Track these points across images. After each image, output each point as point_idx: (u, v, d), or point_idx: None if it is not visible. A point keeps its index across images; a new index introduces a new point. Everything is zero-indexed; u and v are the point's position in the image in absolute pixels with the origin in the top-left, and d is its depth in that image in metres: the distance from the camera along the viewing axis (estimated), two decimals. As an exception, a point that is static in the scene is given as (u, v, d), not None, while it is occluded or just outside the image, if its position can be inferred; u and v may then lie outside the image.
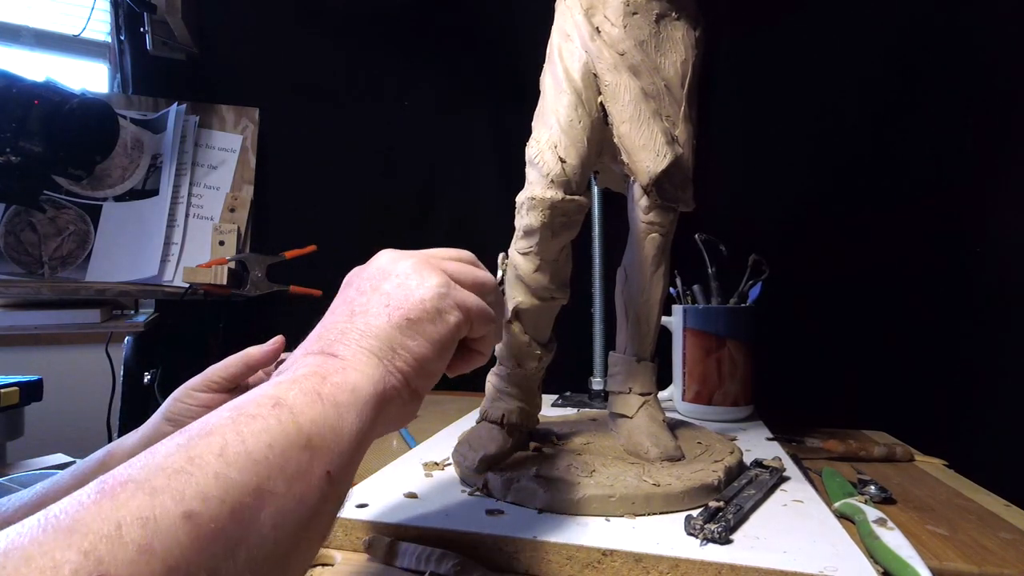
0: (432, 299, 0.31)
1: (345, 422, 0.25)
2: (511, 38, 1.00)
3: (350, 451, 0.25)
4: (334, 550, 0.42)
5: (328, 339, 0.29)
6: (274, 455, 0.22)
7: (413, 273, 0.32)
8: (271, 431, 0.23)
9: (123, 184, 1.04)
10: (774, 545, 0.39)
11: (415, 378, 0.30)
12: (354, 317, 0.30)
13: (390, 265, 0.33)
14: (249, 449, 0.22)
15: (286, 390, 0.25)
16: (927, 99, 0.92)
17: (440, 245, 0.40)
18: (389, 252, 0.35)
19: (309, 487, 0.23)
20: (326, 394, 0.25)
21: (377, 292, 0.31)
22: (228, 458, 0.21)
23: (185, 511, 0.19)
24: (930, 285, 0.91)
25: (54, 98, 0.79)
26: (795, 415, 0.79)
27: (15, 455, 0.84)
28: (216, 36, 1.11)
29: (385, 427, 0.29)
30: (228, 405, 0.24)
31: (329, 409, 0.25)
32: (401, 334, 0.30)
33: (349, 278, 0.34)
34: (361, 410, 0.26)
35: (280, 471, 0.22)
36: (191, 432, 0.22)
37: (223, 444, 0.22)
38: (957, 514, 0.50)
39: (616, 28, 0.50)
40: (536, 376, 0.54)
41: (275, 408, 0.24)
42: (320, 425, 0.24)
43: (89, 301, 1.01)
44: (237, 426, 0.23)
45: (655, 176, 0.50)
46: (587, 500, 0.43)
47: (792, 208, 0.97)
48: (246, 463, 0.21)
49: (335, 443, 0.25)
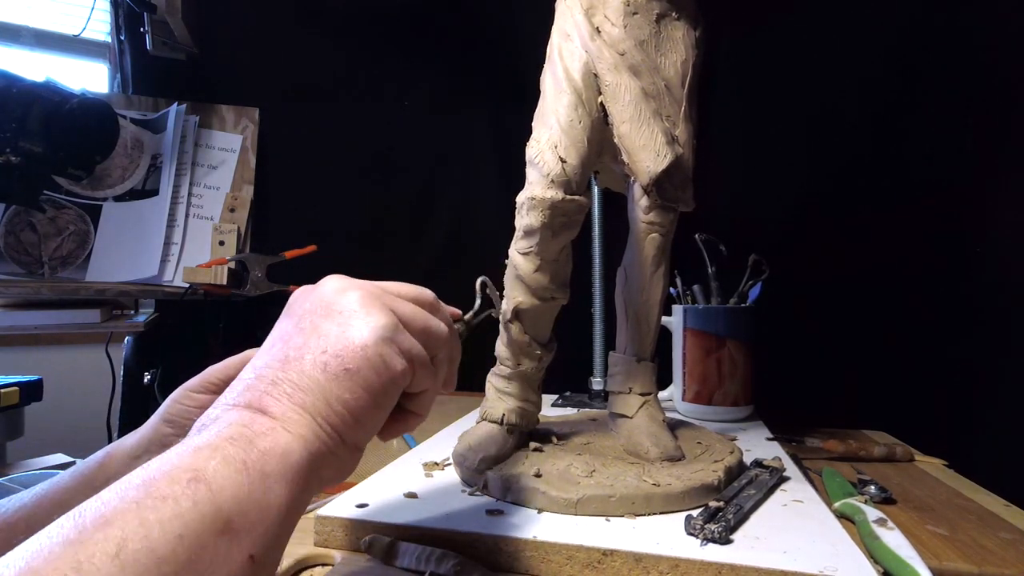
0: (375, 344, 0.28)
1: (272, 495, 0.23)
2: (511, 38, 1.00)
3: (277, 527, 0.23)
4: (334, 550, 0.42)
5: (258, 389, 0.26)
6: (184, 548, 0.20)
7: (359, 310, 0.29)
8: (183, 517, 0.20)
9: (123, 184, 1.04)
10: (774, 545, 0.39)
11: (351, 433, 0.27)
12: (288, 364, 0.27)
13: (335, 297, 0.30)
14: (154, 545, 0.19)
15: (206, 459, 0.22)
16: (927, 99, 0.92)
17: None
18: (336, 280, 0.31)
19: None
20: (252, 463, 0.23)
21: (315, 333, 0.28)
22: (125, 559, 0.18)
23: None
24: (930, 285, 0.91)
25: (54, 98, 0.79)
26: (795, 415, 0.79)
27: (15, 455, 0.84)
28: (216, 36, 1.11)
29: (320, 487, 0.26)
30: (135, 479, 0.21)
31: (255, 481, 0.22)
32: (337, 387, 0.26)
33: (291, 303, 0.31)
34: (292, 478, 0.24)
35: (190, 567, 0.19)
36: (84, 520, 0.19)
37: (121, 540, 0.19)
38: (957, 514, 0.50)
39: (616, 28, 0.50)
40: (536, 376, 0.54)
41: (191, 485, 0.21)
42: (243, 502, 0.22)
43: (89, 301, 1.01)
44: (142, 513, 0.20)
45: (655, 176, 0.50)
46: (587, 500, 0.43)
47: (792, 208, 0.97)
48: (148, 563, 0.19)
49: (260, 522, 0.22)
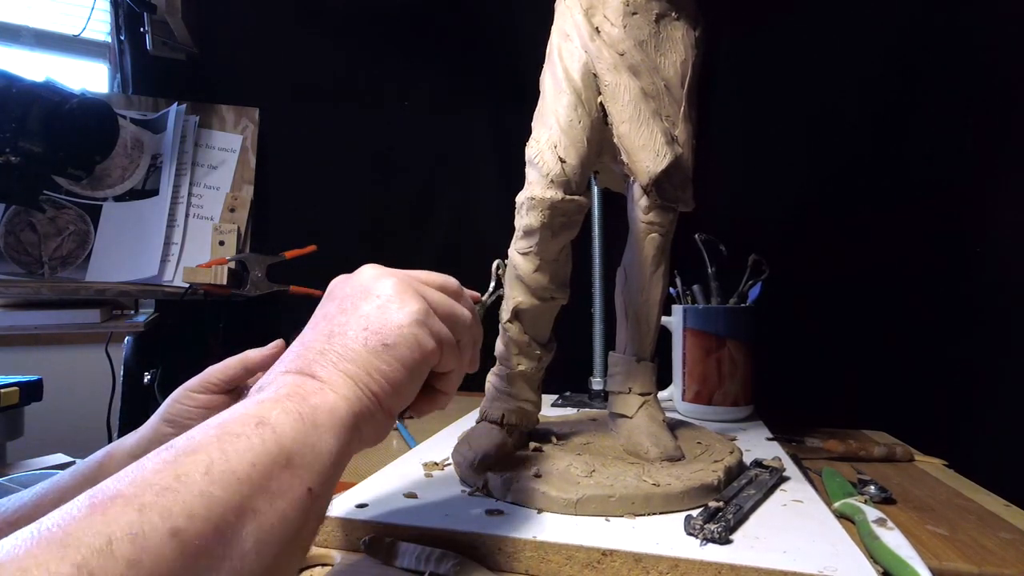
0: (410, 325, 0.31)
1: (324, 442, 0.26)
2: (511, 38, 1.00)
3: (329, 469, 0.26)
4: (334, 550, 0.42)
5: (307, 359, 0.30)
6: (257, 474, 0.23)
7: (394, 296, 0.32)
8: (255, 450, 0.24)
9: (123, 184, 1.04)
10: (774, 545, 0.39)
11: (388, 400, 0.30)
12: (332, 338, 0.31)
13: (372, 283, 0.33)
14: (233, 468, 0.23)
15: (268, 409, 0.26)
16: (927, 99, 0.92)
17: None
18: (373, 268, 0.35)
19: (291, 504, 0.24)
20: (306, 415, 0.26)
21: (356, 313, 0.32)
22: (213, 476, 0.22)
23: (172, 528, 0.20)
24: (930, 285, 0.91)
25: (54, 98, 0.79)
26: (795, 415, 0.79)
27: (15, 455, 0.84)
28: (216, 36, 1.11)
29: (361, 444, 0.30)
30: (212, 422, 0.25)
31: (310, 429, 0.26)
32: (376, 359, 0.30)
33: (332, 289, 0.35)
34: (339, 431, 0.27)
35: (263, 490, 0.23)
36: (177, 448, 0.23)
37: (209, 462, 0.22)
38: (957, 514, 0.50)
39: (616, 28, 0.50)
40: (536, 376, 0.54)
41: (258, 427, 0.24)
42: (301, 444, 0.25)
43: (89, 301, 1.01)
44: (222, 444, 0.23)
45: (655, 176, 0.50)
46: (587, 500, 0.43)
47: (792, 208, 0.97)
48: (230, 481, 0.22)
49: (315, 462, 0.25)
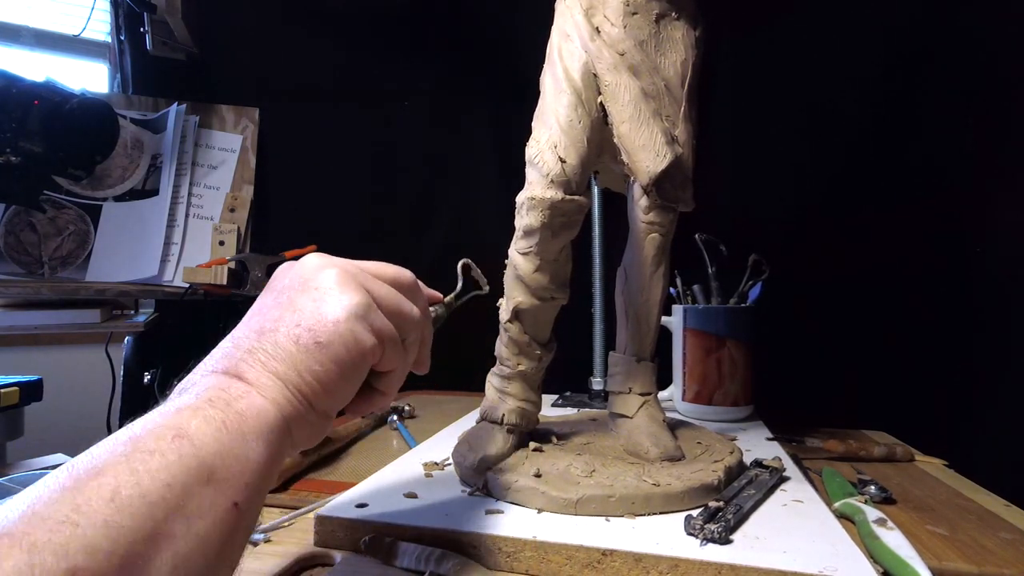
0: (347, 320, 0.29)
1: (251, 450, 0.25)
2: (511, 38, 1.00)
3: (258, 479, 0.25)
4: (334, 550, 0.42)
5: (235, 357, 0.28)
6: (173, 495, 0.21)
7: (334, 288, 0.30)
8: (170, 468, 0.22)
9: (123, 184, 1.04)
10: (774, 545, 0.39)
11: (321, 402, 0.29)
12: (263, 335, 0.29)
13: (312, 274, 0.31)
14: (144, 491, 0.21)
15: (187, 419, 0.24)
16: (927, 99, 0.92)
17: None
18: (316, 258, 0.33)
19: (213, 523, 0.22)
20: (231, 423, 0.25)
21: (292, 307, 0.30)
22: (120, 503, 0.20)
23: (69, 567, 0.18)
24: (930, 285, 0.91)
25: (54, 98, 0.79)
26: (795, 415, 0.79)
27: (15, 455, 0.84)
28: (216, 36, 1.11)
29: (294, 448, 0.29)
30: (121, 436, 0.23)
31: (235, 438, 0.24)
32: (308, 358, 0.28)
33: (273, 278, 0.33)
34: (267, 437, 0.26)
35: (179, 511, 0.21)
36: (78, 471, 0.21)
37: (115, 487, 0.20)
38: (957, 514, 0.50)
39: (616, 28, 0.50)
40: (536, 376, 0.54)
41: (175, 440, 0.23)
42: (225, 456, 0.24)
43: (89, 301, 1.01)
44: (132, 464, 0.21)
45: (655, 176, 0.50)
46: (587, 500, 0.43)
47: (792, 208, 0.97)
48: (140, 507, 0.20)
49: (242, 474, 0.24)
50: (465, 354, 0.69)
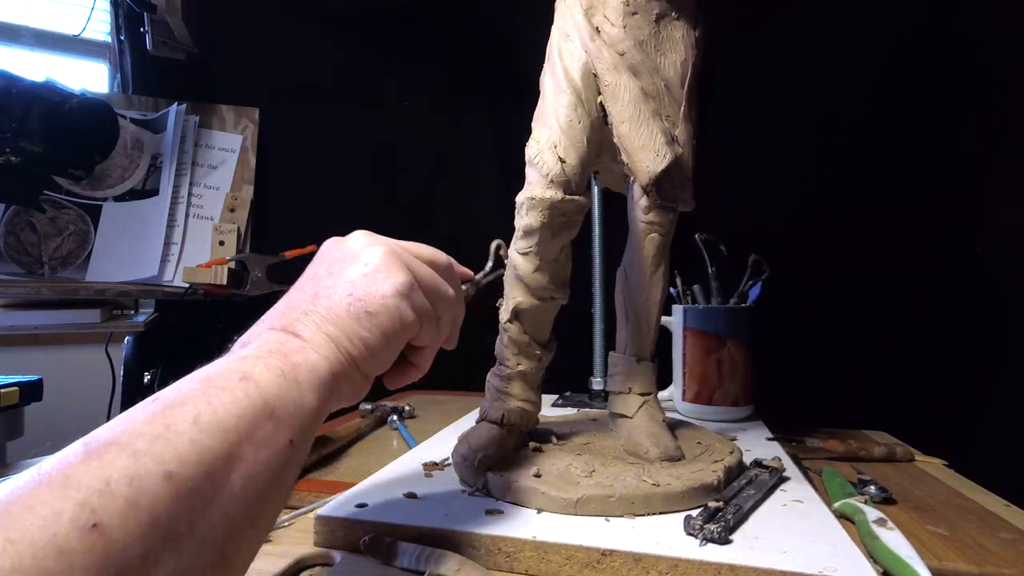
0: (393, 296, 0.33)
1: (305, 398, 0.28)
2: (511, 38, 1.00)
3: (309, 423, 0.28)
4: (334, 550, 0.42)
5: (291, 317, 0.31)
6: (243, 424, 0.25)
7: (382, 265, 0.34)
8: (239, 403, 0.25)
9: (123, 184, 1.04)
10: (773, 545, 0.39)
11: (365, 364, 0.32)
12: (317, 300, 0.32)
13: (361, 250, 0.34)
14: (221, 418, 0.24)
15: (251, 365, 0.27)
16: (927, 99, 0.92)
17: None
18: (364, 235, 0.36)
19: (274, 454, 0.25)
20: (288, 371, 0.28)
21: (343, 277, 0.33)
22: (202, 426, 0.23)
23: (166, 471, 0.21)
24: (930, 285, 0.91)
25: (54, 98, 0.80)
26: (795, 415, 0.79)
27: (15, 455, 0.84)
28: (216, 36, 1.11)
29: (338, 402, 0.31)
30: (196, 376, 0.26)
31: (291, 385, 0.27)
32: (357, 324, 0.31)
33: (323, 251, 0.36)
34: (319, 388, 0.29)
35: (248, 439, 0.25)
36: (165, 400, 0.24)
37: (197, 413, 0.24)
38: (957, 514, 0.50)
39: (616, 28, 0.50)
40: (536, 376, 0.54)
41: (242, 382, 0.26)
42: (283, 399, 0.27)
43: (89, 301, 1.01)
44: (208, 397, 0.25)
45: (655, 176, 0.50)
46: (586, 500, 0.43)
47: (792, 208, 0.97)
48: (218, 431, 0.24)
49: (297, 416, 0.27)
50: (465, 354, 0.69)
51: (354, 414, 0.77)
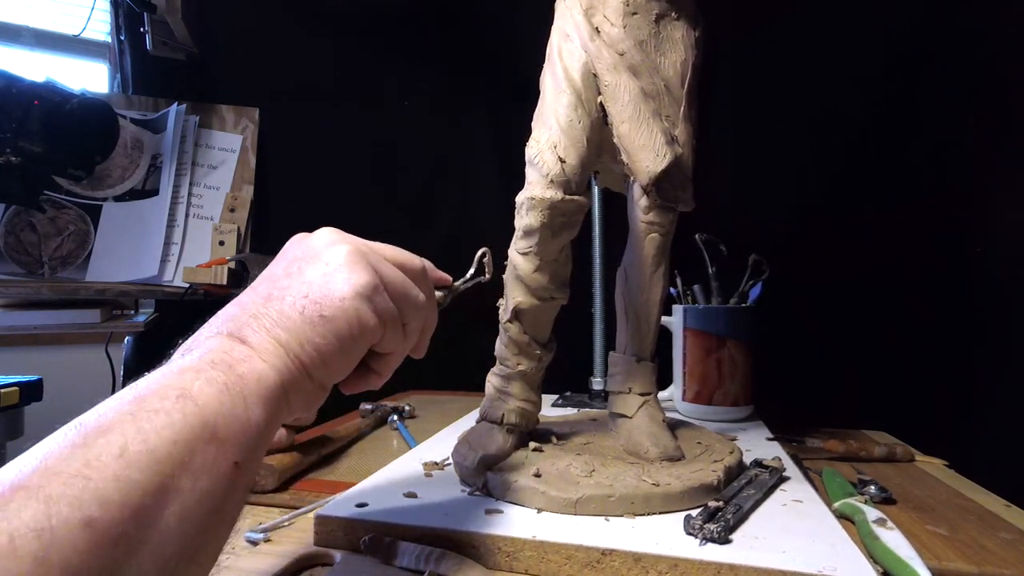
0: (352, 298, 0.30)
1: (252, 412, 0.25)
2: (511, 38, 1.00)
3: (257, 440, 0.25)
4: (334, 550, 0.42)
5: (240, 321, 0.29)
6: (178, 451, 0.22)
7: (344, 264, 0.31)
8: (175, 425, 0.22)
9: (123, 184, 1.04)
10: (773, 545, 0.39)
11: (319, 372, 0.29)
12: (270, 302, 0.30)
13: (324, 248, 0.32)
14: (152, 447, 0.21)
15: (191, 380, 0.24)
16: (927, 99, 0.92)
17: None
18: (329, 233, 0.33)
19: (216, 479, 0.23)
20: (232, 384, 0.25)
21: (301, 277, 0.30)
22: (129, 458, 0.21)
23: (84, 518, 0.19)
24: (930, 285, 0.91)
25: (54, 98, 0.80)
26: (795, 415, 0.79)
27: (15, 455, 0.84)
28: (216, 36, 1.11)
29: (290, 414, 0.29)
30: (126, 395, 0.23)
31: (236, 400, 0.25)
32: (311, 330, 0.29)
33: (285, 248, 0.33)
34: (267, 400, 0.26)
35: (185, 467, 0.22)
36: (86, 429, 0.22)
37: (123, 444, 0.21)
38: (957, 514, 0.50)
39: (616, 28, 0.50)
40: (536, 376, 0.54)
41: (179, 400, 0.23)
42: (227, 417, 0.24)
43: (89, 301, 1.01)
44: (138, 422, 0.22)
45: (655, 176, 0.50)
46: (586, 500, 0.43)
47: (792, 208, 0.97)
48: (148, 463, 0.21)
49: (242, 434, 0.25)
50: (465, 354, 0.69)
51: (354, 414, 0.77)
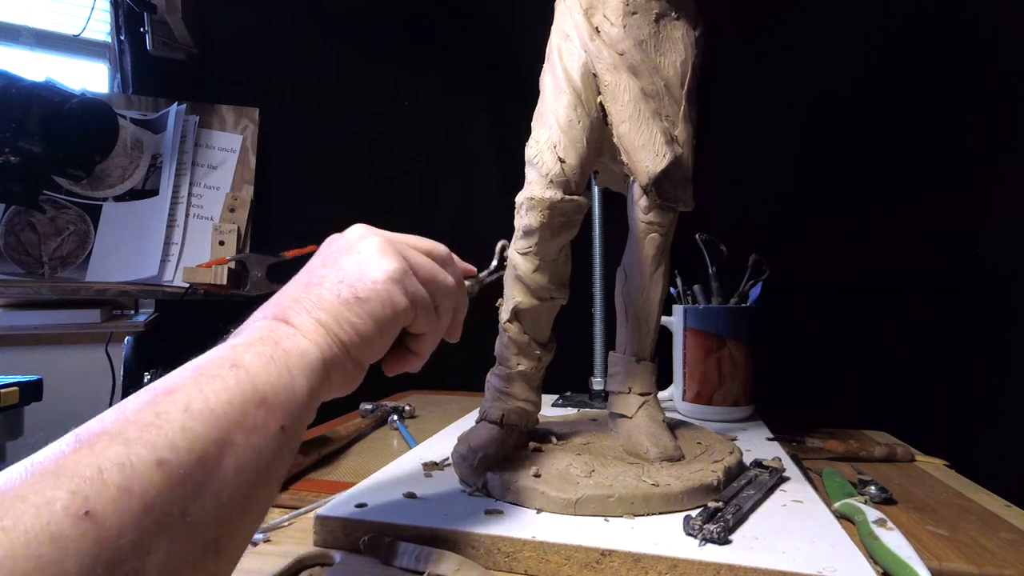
0: (384, 281, 0.33)
1: (296, 383, 0.28)
2: (511, 38, 1.00)
3: (301, 408, 0.28)
4: (334, 550, 0.42)
5: (283, 306, 0.32)
6: (234, 411, 0.25)
7: (375, 253, 0.34)
8: (230, 390, 0.25)
9: (123, 184, 1.04)
10: (773, 545, 0.39)
11: (357, 350, 0.32)
12: (309, 288, 0.33)
13: (356, 241, 0.35)
14: (211, 406, 0.24)
15: (242, 353, 0.27)
16: (927, 99, 0.92)
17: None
18: (360, 228, 0.36)
19: (265, 439, 0.26)
20: (278, 357, 0.28)
21: (336, 266, 0.34)
22: (193, 413, 0.24)
23: (157, 458, 0.22)
24: (930, 285, 0.91)
25: (54, 98, 0.80)
26: (795, 415, 0.79)
27: (15, 455, 0.84)
28: (216, 36, 1.11)
29: (330, 391, 0.32)
30: (188, 366, 0.27)
31: (282, 371, 0.28)
32: (348, 311, 0.32)
33: (324, 245, 0.37)
34: (310, 374, 0.29)
35: (239, 425, 0.25)
36: (156, 390, 0.25)
37: (187, 400, 0.24)
38: (957, 514, 0.50)
39: (615, 28, 0.50)
40: (536, 376, 0.54)
41: (233, 369, 0.26)
42: (274, 385, 0.27)
43: (89, 301, 1.01)
44: (199, 385, 0.25)
45: (654, 176, 0.50)
46: (586, 500, 0.43)
47: (792, 208, 0.97)
48: (209, 418, 0.24)
49: (288, 401, 0.27)
50: (465, 354, 0.69)
51: (354, 414, 0.77)
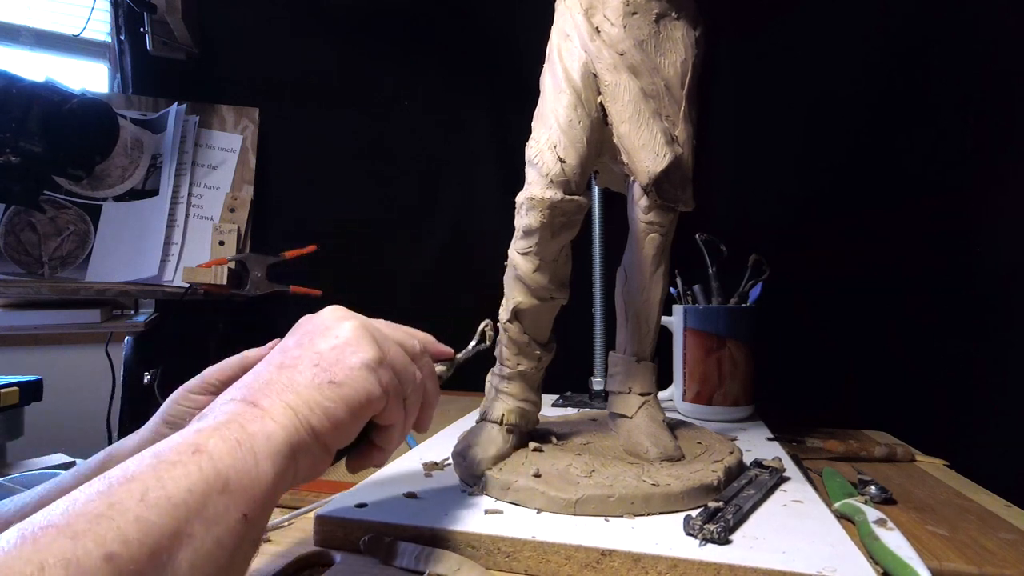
0: (360, 368, 0.32)
1: (261, 468, 0.27)
2: (511, 38, 1.00)
3: (265, 495, 0.27)
4: (334, 550, 0.42)
5: (254, 388, 0.31)
6: (193, 499, 0.24)
7: (352, 338, 0.34)
8: (191, 476, 0.24)
9: (123, 184, 1.04)
10: (773, 545, 0.39)
11: (326, 435, 0.31)
12: (282, 370, 0.32)
13: (333, 323, 0.35)
14: (169, 494, 0.23)
15: (206, 437, 0.26)
16: (927, 99, 0.92)
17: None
18: (336, 310, 0.36)
19: (226, 530, 0.24)
20: (244, 441, 0.27)
21: (312, 348, 0.33)
22: (149, 503, 0.23)
23: (106, 553, 0.20)
24: (930, 285, 0.91)
25: (54, 98, 0.79)
26: (795, 415, 0.79)
27: (15, 455, 0.84)
28: (216, 36, 1.11)
29: (296, 477, 0.30)
30: (147, 452, 0.25)
31: (247, 455, 0.27)
32: (320, 394, 0.31)
33: (297, 325, 0.36)
34: (276, 458, 0.28)
35: (198, 515, 0.24)
36: (111, 479, 0.23)
37: (144, 489, 0.23)
38: (957, 514, 0.50)
39: (616, 28, 0.50)
40: (536, 376, 0.54)
41: (195, 455, 0.25)
42: (238, 471, 0.26)
43: (89, 301, 1.01)
44: (158, 472, 0.24)
45: (655, 176, 0.50)
46: (586, 500, 0.43)
47: (792, 208, 0.97)
48: (166, 507, 0.23)
49: (251, 488, 0.26)
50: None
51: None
